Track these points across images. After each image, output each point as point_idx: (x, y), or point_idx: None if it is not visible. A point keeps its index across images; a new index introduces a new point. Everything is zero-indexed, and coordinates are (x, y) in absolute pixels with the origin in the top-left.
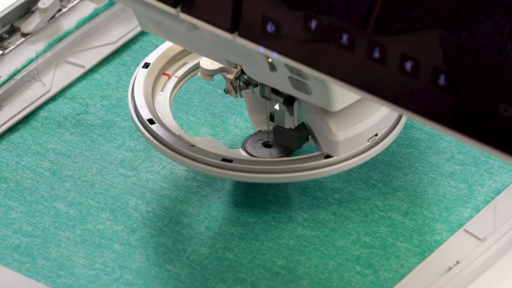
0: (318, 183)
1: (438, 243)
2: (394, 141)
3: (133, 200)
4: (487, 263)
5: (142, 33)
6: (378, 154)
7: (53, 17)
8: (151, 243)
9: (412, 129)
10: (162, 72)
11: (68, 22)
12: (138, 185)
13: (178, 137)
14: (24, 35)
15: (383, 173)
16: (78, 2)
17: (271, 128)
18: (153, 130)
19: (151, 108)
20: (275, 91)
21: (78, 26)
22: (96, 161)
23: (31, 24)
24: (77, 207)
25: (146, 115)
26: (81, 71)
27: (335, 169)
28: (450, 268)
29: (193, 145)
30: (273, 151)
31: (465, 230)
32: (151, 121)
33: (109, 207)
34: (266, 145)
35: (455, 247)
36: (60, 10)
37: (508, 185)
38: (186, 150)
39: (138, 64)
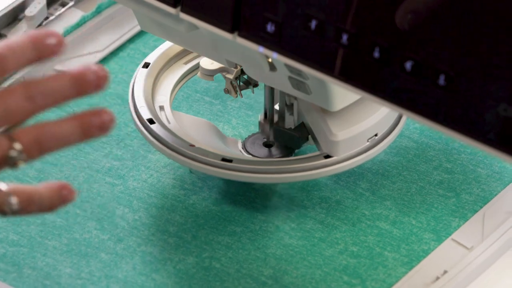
0: (306, 192)
1: (426, 253)
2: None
3: (120, 209)
4: (475, 273)
5: (129, 41)
6: (366, 163)
7: (40, 25)
8: (137, 252)
9: (400, 137)
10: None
11: (55, 30)
12: (125, 194)
13: (178, 137)
14: None
15: (371, 181)
16: (65, 10)
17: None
18: (153, 130)
19: (151, 108)
20: (274, 137)
21: (65, 34)
22: (83, 170)
23: (18, 32)
24: (63, 216)
25: (146, 115)
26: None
27: (335, 169)
28: (437, 278)
29: (193, 145)
30: (273, 151)
31: (453, 240)
32: (151, 121)
33: (96, 215)
34: (266, 145)
35: (443, 256)
36: (47, 18)
37: (496, 194)
38: (186, 150)
39: (125, 72)
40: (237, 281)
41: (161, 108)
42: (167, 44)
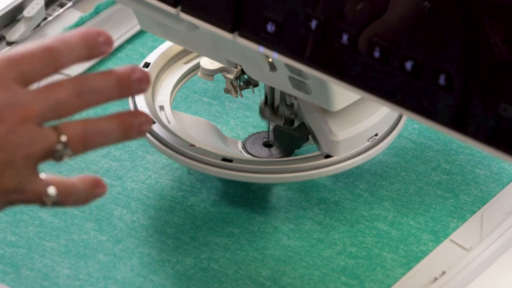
0: (304, 193)
1: (424, 253)
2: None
3: (118, 210)
4: (473, 274)
5: (128, 42)
6: (364, 164)
7: (38, 25)
8: (136, 253)
9: (398, 138)
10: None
11: (53, 31)
12: (123, 195)
13: (178, 137)
14: (10, 43)
15: (369, 182)
16: (64, 11)
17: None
18: (153, 130)
19: (151, 108)
20: (275, 113)
21: None
22: (81, 171)
23: (16, 32)
24: (61, 217)
25: None
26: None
27: (335, 169)
28: (436, 279)
29: (193, 145)
30: (273, 151)
31: (451, 240)
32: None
33: (94, 216)
34: (266, 145)
35: (441, 257)
36: (45, 18)
37: (495, 195)
38: (186, 150)
39: None
40: (235, 282)
41: (161, 108)
42: (167, 44)
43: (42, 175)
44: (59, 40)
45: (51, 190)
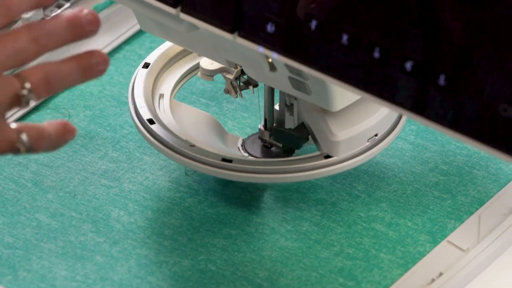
0: (301, 194)
1: (422, 255)
2: None
3: (115, 211)
4: (470, 275)
5: (125, 43)
6: (361, 165)
7: None
8: (133, 255)
9: (396, 139)
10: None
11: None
12: (120, 196)
13: (178, 137)
14: None
15: (367, 183)
16: (61, 12)
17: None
18: (153, 130)
19: (151, 108)
20: (275, 138)
21: None
22: (78, 172)
23: None
24: (59, 218)
25: (146, 115)
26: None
27: (335, 169)
28: (433, 280)
29: (193, 145)
30: (273, 151)
31: (449, 241)
32: (151, 121)
33: (91, 218)
34: (266, 145)
35: (439, 258)
36: (43, 19)
37: (492, 196)
38: (186, 150)
39: (121, 74)
40: (233, 283)
41: (161, 96)
42: (167, 44)
43: (13, 124)
44: None
45: (23, 136)
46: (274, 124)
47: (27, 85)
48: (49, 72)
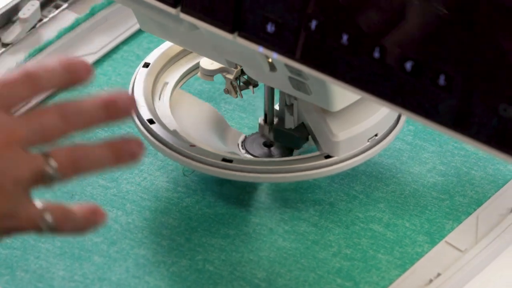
0: (299, 194)
1: (420, 255)
2: None
3: (113, 212)
4: (468, 275)
5: (123, 43)
6: (359, 165)
7: (34, 27)
8: (131, 255)
9: (394, 139)
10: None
11: (49, 32)
12: (118, 197)
13: (179, 136)
14: (5, 45)
15: (365, 184)
16: (59, 12)
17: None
18: (153, 130)
19: (151, 108)
20: (275, 138)
21: (59, 36)
22: None
23: (11, 34)
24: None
25: (146, 115)
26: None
27: (335, 169)
28: (431, 281)
29: (193, 145)
30: (273, 151)
31: (447, 242)
32: (151, 121)
33: None
34: (266, 145)
35: (437, 259)
36: (41, 20)
37: (490, 197)
38: (186, 150)
39: (119, 74)
40: (230, 283)
41: (165, 84)
42: (167, 44)
43: (37, 202)
44: (38, 65)
45: (47, 216)
46: (274, 118)
47: (53, 163)
48: (77, 153)
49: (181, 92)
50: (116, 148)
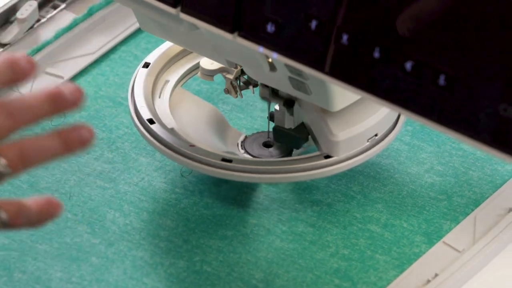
0: (297, 195)
1: (417, 256)
2: None
3: (111, 213)
4: (466, 276)
5: (121, 43)
6: (357, 166)
7: (31, 27)
8: (128, 256)
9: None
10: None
11: (47, 33)
12: (116, 198)
13: (178, 136)
14: (3, 45)
15: (362, 184)
16: (57, 13)
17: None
18: (153, 130)
19: (151, 108)
20: (275, 93)
21: (57, 37)
22: (73, 173)
23: (9, 34)
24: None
25: (146, 115)
26: (59, 82)
27: (335, 169)
28: (429, 281)
29: (193, 145)
30: (273, 151)
31: (444, 242)
32: (151, 121)
33: (87, 219)
34: (266, 145)
35: (434, 259)
36: (39, 20)
37: (488, 197)
38: (186, 150)
39: (117, 74)
40: (228, 284)
41: (166, 82)
42: (167, 44)
43: None
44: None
45: (1, 212)
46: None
47: (2, 161)
48: (26, 147)
49: (182, 91)
50: (65, 136)
